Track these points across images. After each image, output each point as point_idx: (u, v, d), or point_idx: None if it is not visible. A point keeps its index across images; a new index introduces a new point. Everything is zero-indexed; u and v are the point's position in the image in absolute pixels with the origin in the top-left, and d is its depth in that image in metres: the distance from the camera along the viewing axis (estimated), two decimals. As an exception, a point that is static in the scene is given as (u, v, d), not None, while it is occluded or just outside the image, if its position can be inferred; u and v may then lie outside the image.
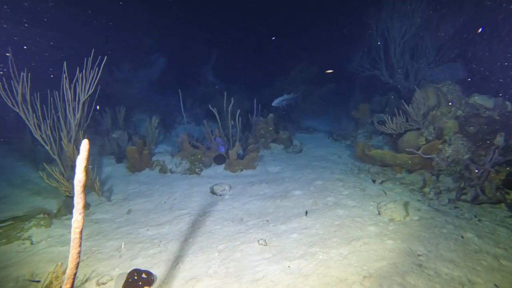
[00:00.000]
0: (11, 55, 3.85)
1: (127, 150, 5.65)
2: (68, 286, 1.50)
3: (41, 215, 3.87)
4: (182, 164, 5.84)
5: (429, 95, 5.60)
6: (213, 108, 6.06)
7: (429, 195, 4.25)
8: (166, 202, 4.52)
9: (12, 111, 3.98)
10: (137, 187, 5.14)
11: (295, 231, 3.49)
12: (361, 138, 7.16)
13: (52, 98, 4.19)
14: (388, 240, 3.20)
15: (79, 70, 4.08)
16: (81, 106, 4.20)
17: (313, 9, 14.21)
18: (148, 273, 2.75)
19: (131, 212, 4.24)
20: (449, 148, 4.61)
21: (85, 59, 4.12)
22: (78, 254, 1.36)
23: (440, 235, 3.26)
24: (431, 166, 4.72)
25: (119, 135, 6.73)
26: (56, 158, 4.35)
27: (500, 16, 6.42)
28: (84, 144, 1.27)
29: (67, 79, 3.97)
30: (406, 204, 3.88)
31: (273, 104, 7.48)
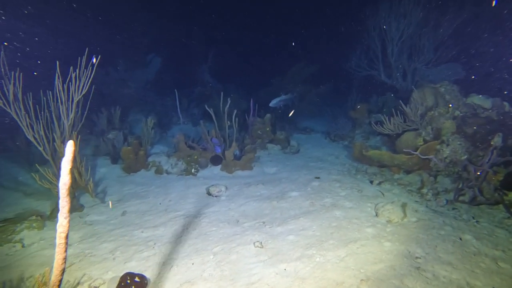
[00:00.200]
0: (2, 53, 3.78)
1: (123, 151, 5.58)
2: (55, 293, 1.45)
3: (33, 217, 3.80)
4: (178, 165, 5.78)
5: (426, 96, 5.57)
6: (209, 109, 6.00)
7: (427, 196, 4.21)
8: (161, 204, 4.46)
9: (7, 114, 3.91)
10: (132, 188, 5.07)
11: (292, 232, 3.44)
12: (358, 139, 7.13)
13: (45, 98, 4.12)
14: (386, 242, 3.16)
15: (73, 69, 4.01)
16: (74, 106, 4.13)
17: (310, 8, 14.18)
18: (141, 276, 2.69)
19: (125, 214, 4.17)
20: (447, 148, 4.58)
21: (78, 58, 4.05)
22: (64, 259, 1.31)
23: (438, 237, 3.23)
24: (429, 166, 4.69)
25: (114, 135, 6.65)
26: (49, 159, 4.28)
27: (505, 11, 6.34)
28: (70, 145, 1.22)
29: (59, 79, 3.89)
30: (404, 205, 3.85)
31: (270, 104, 7.44)
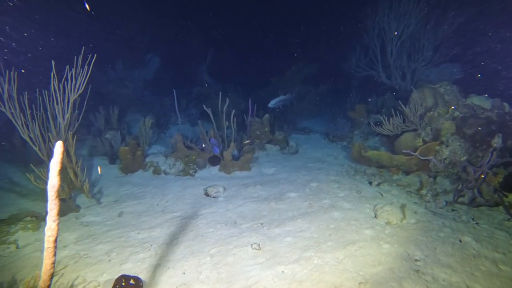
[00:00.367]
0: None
1: (120, 151, 5.54)
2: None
3: (28, 218, 3.76)
4: (176, 165, 5.74)
5: (426, 96, 5.54)
6: (207, 108, 5.95)
7: (426, 197, 4.18)
8: (158, 204, 4.42)
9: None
10: (129, 189, 5.03)
11: (290, 234, 3.40)
12: (357, 139, 7.11)
13: (41, 97, 4.07)
14: (385, 244, 3.12)
15: (69, 68, 3.97)
16: (71, 106, 4.09)
17: (309, 8, 14.14)
18: (136, 279, 2.65)
19: (122, 215, 4.13)
20: (446, 149, 4.55)
21: (75, 57, 4.01)
22: (53, 264, 1.27)
23: (438, 239, 3.19)
24: (428, 167, 4.66)
25: (112, 135, 6.61)
26: (45, 159, 4.24)
27: None
28: (58, 146, 1.18)
29: (55, 78, 3.85)
30: (403, 207, 3.81)
31: (269, 105, 7.40)
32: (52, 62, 3.77)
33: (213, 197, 4.60)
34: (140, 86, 9.87)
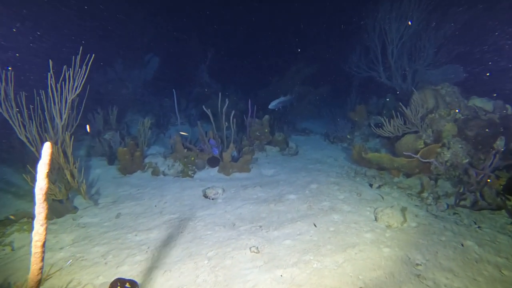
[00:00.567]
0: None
1: (118, 152, 5.49)
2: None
3: (24, 219, 3.72)
4: (175, 166, 5.69)
5: (427, 97, 5.49)
6: (207, 109, 5.91)
7: (427, 200, 4.13)
8: (156, 206, 4.37)
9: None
10: (127, 190, 4.98)
11: (289, 237, 3.36)
12: (357, 141, 7.06)
13: (38, 97, 4.03)
14: (385, 247, 3.08)
15: (67, 68, 3.93)
16: (68, 106, 4.05)
17: (310, 8, 14.10)
18: (132, 282, 2.61)
19: (120, 216, 4.09)
20: (447, 152, 4.50)
21: (73, 57, 3.97)
22: (40, 270, 1.22)
23: (439, 242, 3.14)
24: (429, 170, 4.61)
25: (111, 136, 6.56)
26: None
27: None
28: (46, 148, 1.13)
29: (52, 78, 3.81)
30: (404, 210, 3.77)
31: (270, 106, 7.35)
32: (49, 61, 3.73)
33: (211, 198, 4.55)
34: (139, 86, 9.83)
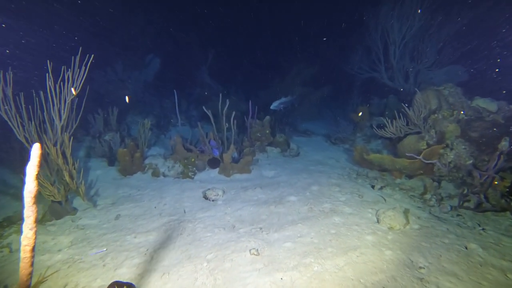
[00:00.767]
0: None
1: (118, 153, 5.46)
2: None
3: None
4: (175, 168, 5.66)
5: (430, 98, 5.43)
6: (207, 110, 5.87)
7: (430, 202, 4.07)
8: (156, 207, 4.33)
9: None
10: (127, 191, 4.95)
11: (289, 239, 3.31)
12: (359, 142, 7.00)
13: (37, 98, 4.01)
14: (387, 250, 3.02)
15: (66, 69, 3.90)
16: (67, 107, 4.02)
17: (311, 9, 14.06)
18: (129, 285, 2.56)
19: (119, 218, 4.05)
20: (451, 153, 4.44)
21: (72, 58, 3.94)
22: (29, 275, 1.18)
23: (442, 245, 3.08)
24: (432, 171, 4.55)
25: (111, 137, 6.54)
26: (42, 161, 4.17)
27: None
28: (35, 149, 1.10)
29: (50, 79, 3.78)
30: (406, 212, 3.71)
31: (271, 107, 7.32)
32: (47, 62, 3.71)
33: (212, 200, 4.51)
34: (140, 88, 9.82)
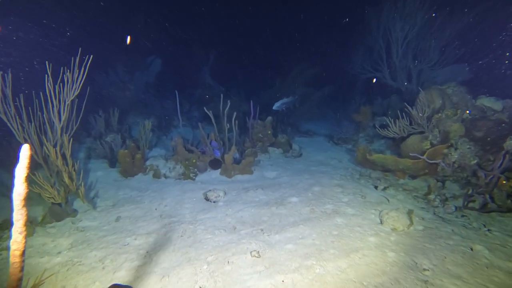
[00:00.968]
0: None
1: (119, 154, 5.44)
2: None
3: (22, 223, 3.66)
4: (176, 169, 5.62)
5: (433, 97, 5.36)
6: (208, 111, 5.84)
7: (434, 203, 4.00)
8: (157, 209, 4.30)
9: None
10: (128, 193, 4.92)
11: (290, 241, 3.26)
12: (362, 142, 6.94)
13: (37, 99, 3.99)
14: (390, 252, 2.96)
15: (66, 69, 3.88)
16: (67, 108, 4.00)
17: (313, 9, 14.01)
18: (128, 288, 2.53)
19: (119, 220, 4.02)
20: (455, 152, 4.37)
21: (72, 58, 3.93)
22: (19, 281, 1.14)
23: (447, 247, 3.02)
24: (435, 171, 4.48)
25: (112, 138, 6.52)
26: (41, 162, 4.16)
27: None
28: (25, 150, 1.06)
29: (49, 80, 3.76)
30: (410, 213, 3.65)
31: (274, 107, 7.28)
32: (46, 63, 3.69)
33: (213, 201, 4.47)
34: (141, 89, 9.81)
